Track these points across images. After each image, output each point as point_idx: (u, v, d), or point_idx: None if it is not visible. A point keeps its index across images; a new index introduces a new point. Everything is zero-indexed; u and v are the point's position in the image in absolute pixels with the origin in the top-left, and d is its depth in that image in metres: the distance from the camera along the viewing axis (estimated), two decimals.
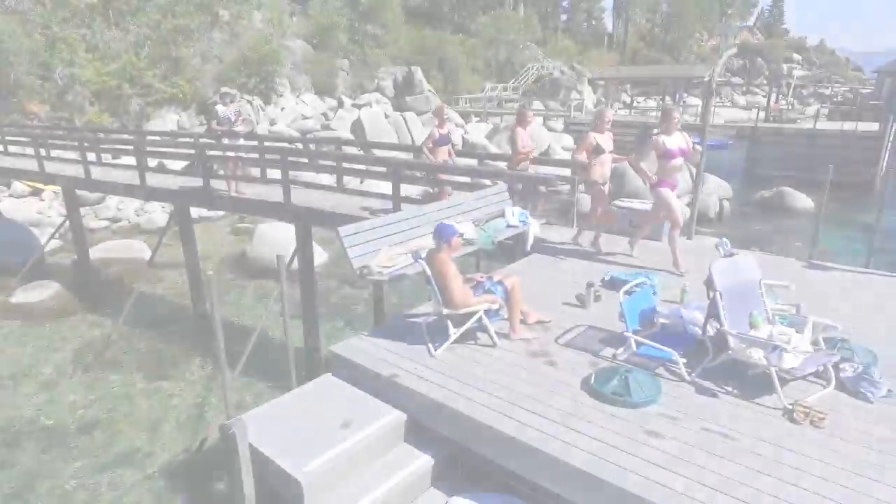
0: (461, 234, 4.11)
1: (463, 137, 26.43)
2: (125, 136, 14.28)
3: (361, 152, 13.43)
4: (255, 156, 9.17)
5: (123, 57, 23.80)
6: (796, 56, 64.51)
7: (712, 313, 3.73)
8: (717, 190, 19.45)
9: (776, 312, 3.98)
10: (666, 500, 2.74)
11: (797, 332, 3.69)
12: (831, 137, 21.90)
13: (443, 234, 4.04)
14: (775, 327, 3.71)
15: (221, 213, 18.40)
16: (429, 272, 4.03)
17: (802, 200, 19.09)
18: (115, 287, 12.44)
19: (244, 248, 14.32)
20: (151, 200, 10.61)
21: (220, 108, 8.73)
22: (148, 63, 24.26)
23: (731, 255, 3.90)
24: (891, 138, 21.46)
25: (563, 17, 61.01)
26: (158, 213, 17.75)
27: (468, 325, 4.08)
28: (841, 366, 3.68)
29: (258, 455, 3.40)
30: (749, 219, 18.53)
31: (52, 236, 12.42)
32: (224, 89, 9.85)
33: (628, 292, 4.09)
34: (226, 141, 8.75)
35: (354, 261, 4.61)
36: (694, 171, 21.67)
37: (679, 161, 5.83)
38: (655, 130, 6.20)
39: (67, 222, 11.88)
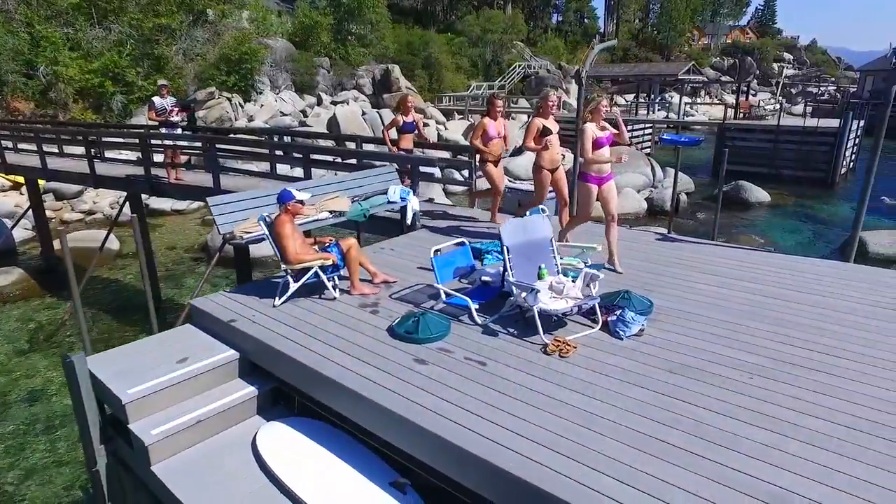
0: (299, 201, 4.68)
1: (439, 134, 27.05)
2: (71, 128, 14.95)
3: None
4: (197, 144, 9.75)
5: (106, 55, 24.52)
6: (787, 55, 64.83)
7: (505, 266, 4.30)
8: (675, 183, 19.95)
9: (566, 266, 4.54)
10: (404, 409, 3.30)
11: (572, 281, 4.25)
12: (793, 134, 22.36)
13: (281, 199, 4.63)
14: (555, 277, 4.27)
15: (195, 205, 19.12)
16: (266, 232, 4.61)
17: (759, 194, 19.59)
18: (78, 274, 13.12)
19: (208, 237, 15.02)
20: (101, 188, 11.15)
21: (156, 99, 9.32)
22: (130, 61, 24.96)
23: (524, 216, 4.45)
24: (851, 135, 21.91)
25: (556, 16, 61.60)
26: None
27: (304, 279, 4.66)
28: (617, 311, 4.24)
29: (97, 381, 3.99)
30: (705, 210, 19.02)
31: (16, 224, 13.06)
32: (162, 82, 10.39)
33: (438, 251, 4.64)
34: (163, 130, 9.35)
35: (221, 227, 5.20)
36: (658, 165, 22.01)
37: (606, 152, 5.60)
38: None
39: (31, 211, 12.54)
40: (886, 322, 4.28)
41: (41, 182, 18.15)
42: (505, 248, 4.23)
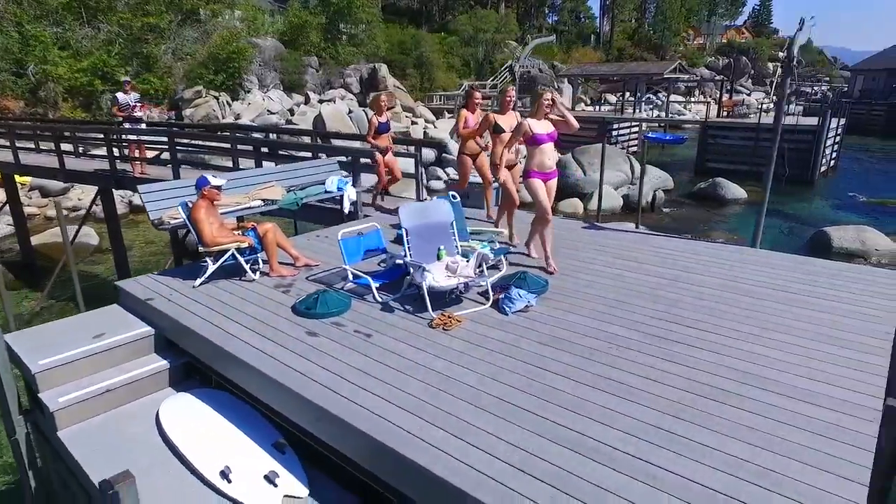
0: (215, 186, 4.91)
1: (426, 132, 27.30)
2: (42, 124, 15.33)
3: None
4: (163, 139, 10.01)
5: (95, 54, 24.81)
6: (782, 55, 64.83)
7: (404, 247, 4.53)
8: (652, 181, 20.15)
9: (465, 248, 4.77)
10: (282, 376, 3.53)
11: (467, 261, 4.48)
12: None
13: (197, 185, 4.87)
14: (452, 258, 4.50)
15: None
16: (184, 216, 4.86)
17: (735, 191, 19.76)
18: (52, 267, 13.43)
19: None
20: (71, 182, 11.43)
21: (120, 95, 9.58)
22: (119, 60, 25.25)
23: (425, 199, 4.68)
24: (829, 133, 22.07)
25: (551, 16, 61.78)
26: (117, 204, 18.72)
27: (222, 261, 4.90)
28: (510, 290, 4.46)
29: (14, 355, 4.23)
30: (680, 207, 19.23)
31: None
32: (125, 78, 10.66)
33: (360, 233, 4.88)
34: (126, 125, 9.60)
35: (151, 214, 5.44)
36: (637, 163, 22.19)
37: (548, 146, 5.37)
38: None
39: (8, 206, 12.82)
40: (760, 300, 4.49)
41: (27, 180, 18.51)
42: (404, 229, 4.46)
